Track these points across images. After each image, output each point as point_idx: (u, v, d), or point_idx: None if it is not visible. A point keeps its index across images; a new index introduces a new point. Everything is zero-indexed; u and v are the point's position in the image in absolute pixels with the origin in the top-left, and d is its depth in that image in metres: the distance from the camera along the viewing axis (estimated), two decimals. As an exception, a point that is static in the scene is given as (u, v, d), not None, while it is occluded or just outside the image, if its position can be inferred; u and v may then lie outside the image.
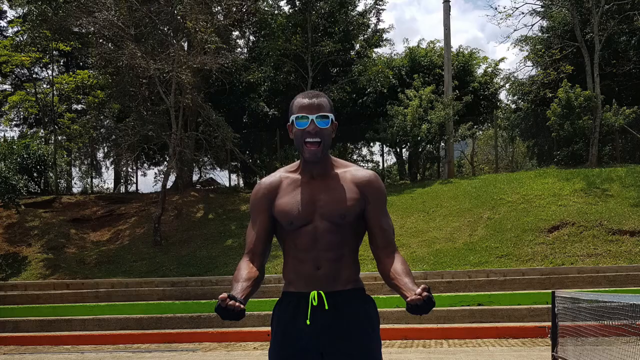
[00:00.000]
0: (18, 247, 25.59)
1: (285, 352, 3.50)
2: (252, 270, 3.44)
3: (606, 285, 17.66)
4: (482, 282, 18.91)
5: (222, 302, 3.05)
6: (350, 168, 3.65)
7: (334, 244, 3.47)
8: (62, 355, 15.35)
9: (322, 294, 3.46)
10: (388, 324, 16.54)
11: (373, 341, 3.53)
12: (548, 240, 21.21)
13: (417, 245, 22.22)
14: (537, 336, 15.16)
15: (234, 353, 14.63)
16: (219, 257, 23.33)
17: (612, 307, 8.73)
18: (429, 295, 3.09)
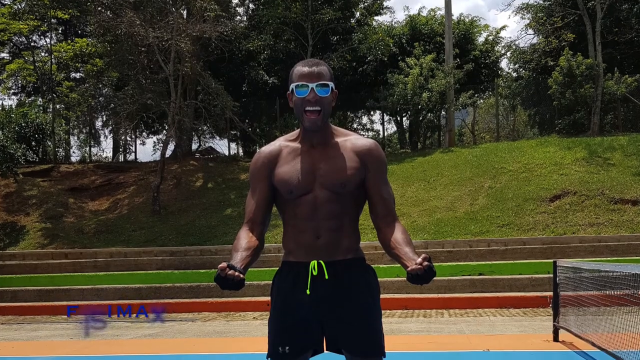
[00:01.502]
0: (16, 217, 25.50)
1: (285, 322, 3.45)
2: (251, 239, 3.38)
3: (608, 255, 17.58)
4: (483, 251, 18.83)
5: (221, 272, 2.99)
6: (351, 137, 3.59)
7: (334, 213, 3.41)
8: (61, 324, 15.27)
9: (322, 263, 3.39)
10: (388, 293, 16.49)
11: (373, 311, 3.47)
12: (549, 210, 21.10)
13: (418, 214, 22.12)
14: (538, 306, 15.09)
15: (233, 323, 14.56)
16: (218, 227, 23.24)
17: (614, 277, 8.61)
18: (429, 265, 3.01)
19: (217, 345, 11.22)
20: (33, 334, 13.56)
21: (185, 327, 14.11)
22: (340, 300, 3.39)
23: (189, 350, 10.57)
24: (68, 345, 11.63)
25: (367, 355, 3.42)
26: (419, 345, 10.32)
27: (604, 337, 8.19)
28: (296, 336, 3.42)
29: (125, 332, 13.35)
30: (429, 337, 11.31)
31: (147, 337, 12.67)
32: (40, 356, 10.33)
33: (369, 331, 3.42)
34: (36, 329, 14.44)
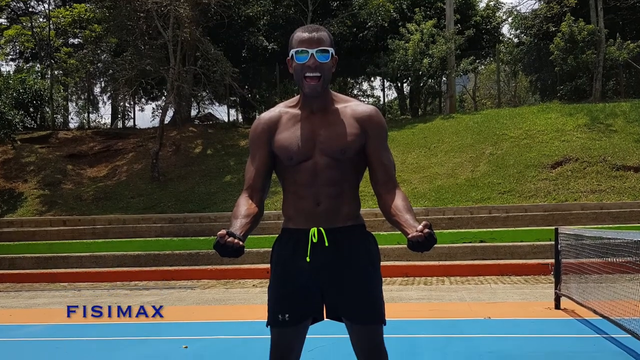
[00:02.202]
0: (14, 183, 25.40)
1: (285, 290, 3.41)
2: (251, 206, 3.33)
3: (610, 222, 17.52)
4: (484, 218, 18.76)
5: (220, 239, 2.95)
6: (351, 103, 3.53)
7: (334, 180, 3.36)
8: (59, 292, 15.22)
9: (322, 230, 3.34)
10: (389, 261, 16.43)
11: (373, 278, 3.43)
12: (551, 176, 20.99)
13: (418, 181, 22.02)
14: (539, 273, 15.03)
15: (232, 290, 14.49)
16: (217, 193, 23.15)
17: (615, 244, 8.52)
18: (430, 232, 2.95)
19: (216, 312, 11.15)
20: (31, 302, 13.50)
21: (184, 294, 14.04)
22: (340, 267, 3.35)
23: (188, 317, 10.49)
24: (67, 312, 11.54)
25: (367, 323, 3.38)
26: (420, 312, 10.26)
27: (606, 304, 8.12)
28: (296, 304, 3.38)
29: (124, 300, 13.27)
30: (429, 304, 11.24)
31: (146, 304, 12.58)
32: (39, 324, 10.26)
33: (369, 299, 3.38)
34: (34, 297, 14.39)
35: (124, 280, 17.11)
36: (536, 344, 7.59)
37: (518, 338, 7.94)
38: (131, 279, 17.10)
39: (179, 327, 9.55)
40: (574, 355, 6.90)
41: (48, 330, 9.69)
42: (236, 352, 7.55)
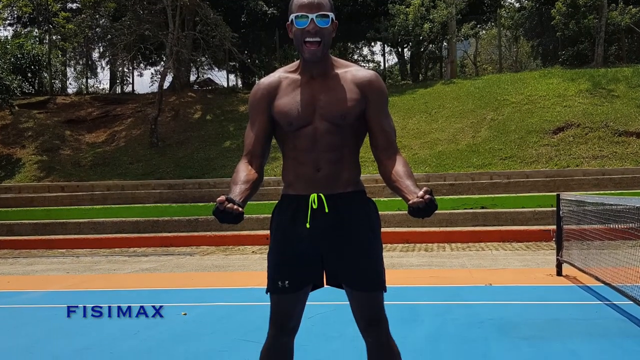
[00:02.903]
0: (12, 149, 25.30)
1: (285, 256, 3.37)
2: (250, 172, 3.30)
3: (612, 188, 17.46)
4: (486, 184, 18.69)
5: (220, 205, 2.91)
6: (351, 68, 3.49)
7: (334, 145, 3.33)
8: (57, 259, 15.17)
9: (322, 196, 3.31)
10: (389, 227, 16.39)
11: (374, 244, 3.39)
12: (553, 142, 20.89)
13: (419, 146, 21.92)
14: (541, 240, 14.99)
15: (231, 257, 14.44)
16: (216, 159, 23.06)
17: (618, 210, 8.45)
18: (431, 198, 2.90)
19: (215, 279, 11.11)
20: (29, 268, 13.46)
21: (183, 261, 13.99)
22: (340, 233, 3.32)
23: (187, 284, 10.44)
24: (65, 279, 11.51)
25: (368, 290, 3.34)
26: (420, 279, 10.19)
27: (608, 271, 8.09)
28: (296, 270, 3.35)
29: (122, 267, 13.23)
30: (430, 271, 11.19)
31: (145, 271, 12.56)
32: (37, 290, 10.20)
33: (369, 265, 3.35)
34: (32, 263, 14.34)
35: (123, 246, 17.08)
36: (537, 310, 7.54)
37: (519, 305, 7.89)
38: (130, 246, 17.07)
39: (177, 294, 9.50)
40: (576, 322, 6.84)
41: (46, 296, 9.63)
42: (235, 319, 7.48)
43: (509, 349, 5.82)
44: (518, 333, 6.38)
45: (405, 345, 5.30)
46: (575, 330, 6.45)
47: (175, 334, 6.81)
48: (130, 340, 6.58)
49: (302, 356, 5.00)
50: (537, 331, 6.46)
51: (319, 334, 6.52)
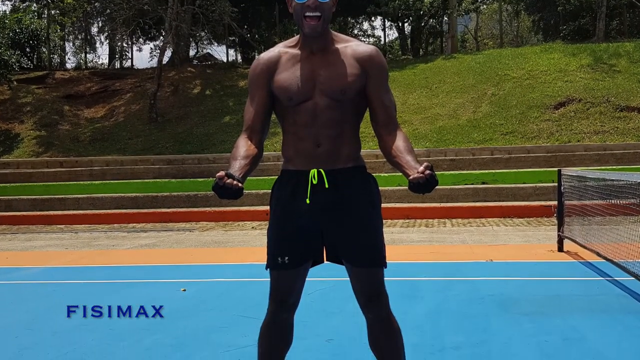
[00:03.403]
0: (10, 124, 25.21)
1: (285, 232, 3.36)
2: (250, 147, 3.29)
3: (613, 163, 17.42)
4: (487, 160, 18.63)
5: (219, 181, 2.90)
6: (351, 43, 3.46)
7: (334, 121, 3.31)
8: (56, 234, 15.15)
9: (322, 171, 3.30)
10: (390, 203, 16.35)
11: (374, 220, 3.38)
12: (554, 117, 20.81)
13: (420, 122, 21.84)
14: (542, 215, 14.95)
15: (231, 233, 14.42)
16: (216, 134, 22.99)
17: (619, 186, 8.42)
18: (431, 174, 2.88)
19: (215, 255, 11.09)
20: (28, 244, 13.44)
21: (182, 237, 13.97)
22: (340, 209, 3.30)
23: (187, 260, 10.42)
24: (63, 255, 11.48)
25: (368, 266, 3.33)
26: (421, 255, 10.17)
27: (610, 247, 8.06)
28: (296, 246, 3.34)
29: (121, 243, 13.21)
30: (431, 247, 11.16)
31: (144, 247, 12.54)
32: (36, 266, 10.17)
33: (369, 241, 3.33)
34: (31, 239, 14.32)
35: (122, 222, 17.05)
36: (538, 286, 7.51)
37: (520, 281, 7.86)
38: (129, 221, 17.04)
39: (177, 270, 9.48)
40: (577, 298, 6.81)
41: (45, 272, 9.60)
42: (235, 295, 7.46)
43: (510, 324, 5.79)
44: (519, 309, 6.35)
45: (405, 321, 5.26)
46: (576, 306, 6.42)
47: (174, 310, 6.77)
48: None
49: (302, 332, 4.97)
50: (538, 307, 6.43)
51: (319, 310, 6.49)
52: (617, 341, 5.23)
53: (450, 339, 5.38)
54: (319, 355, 5.03)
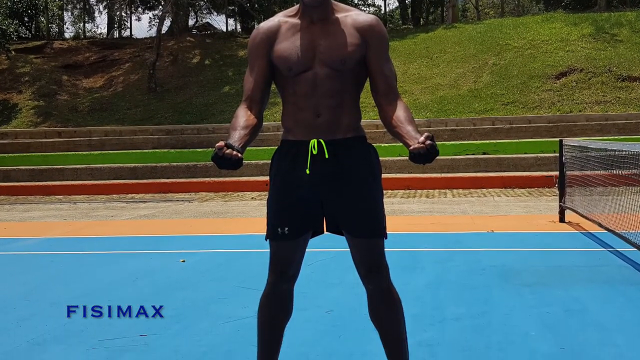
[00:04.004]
0: (8, 94, 25.10)
1: (285, 202, 3.32)
2: (250, 117, 3.24)
3: (615, 134, 17.37)
4: (487, 130, 18.56)
5: (219, 151, 2.86)
6: (351, 12, 3.41)
7: (334, 91, 3.26)
8: (54, 205, 15.11)
9: (322, 142, 3.25)
10: (390, 173, 16.32)
11: (374, 190, 3.34)
12: (555, 87, 20.71)
13: (420, 92, 21.74)
14: (544, 186, 14.91)
15: (230, 203, 14.38)
16: (215, 105, 22.89)
17: (621, 156, 8.37)
18: (432, 144, 2.84)
19: (214, 226, 11.05)
20: (26, 215, 13.41)
21: (181, 207, 13.93)
22: (340, 179, 3.28)
23: (186, 231, 10.39)
24: (62, 226, 11.46)
25: (368, 236, 3.28)
26: (422, 226, 10.13)
27: (612, 217, 8.04)
28: (295, 217, 3.31)
29: (120, 213, 13.17)
30: (431, 217, 11.14)
31: (143, 217, 12.50)
32: (34, 237, 10.13)
33: (369, 211, 3.30)
34: (29, 210, 14.28)
35: (120, 192, 17.01)
36: (540, 257, 7.48)
37: (521, 252, 7.83)
38: (128, 192, 16.99)
39: (176, 241, 9.44)
40: (579, 269, 6.77)
41: (43, 243, 9.57)
42: (235, 266, 7.42)
43: (511, 295, 5.75)
44: (520, 280, 6.32)
45: (406, 292, 5.19)
46: (577, 277, 6.39)
47: (173, 281, 6.75)
48: (128, 287, 6.52)
49: (302, 303, 4.93)
50: (539, 278, 6.40)
51: (319, 281, 6.46)
52: (618, 312, 5.19)
53: (450, 310, 5.35)
54: (319, 327, 4.99)
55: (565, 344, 4.43)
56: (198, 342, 4.72)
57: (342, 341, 4.64)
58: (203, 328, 5.05)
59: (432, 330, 4.84)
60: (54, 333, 5.01)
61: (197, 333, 4.93)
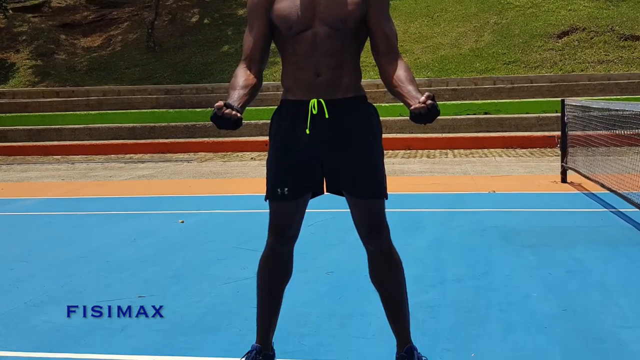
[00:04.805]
0: (5, 54, 24.94)
1: (284, 162, 3.30)
2: (249, 77, 3.22)
3: (618, 93, 17.27)
4: (489, 89, 18.45)
5: (218, 111, 2.84)
6: None
7: (334, 50, 3.22)
8: (52, 165, 15.07)
9: (322, 101, 3.22)
10: (391, 133, 16.26)
11: (375, 150, 3.31)
12: (557, 47, 20.54)
13: (421, 51, 21.58)
14: (545, 146, 14.85)
15: (230, 164, 14.33)
16: (214, 64, 22.74)
17: (624, 116, 8.33)
18: (433, 104, 2.81)
19: (213, 186, 11.02)
20: (23, 175, 13.37)
21: (180, 167, 13.88)
22: (340, 139, 3.24)
23: (185, 191, 10.36)
24: (60, 186, 11.42)
25: (368, 197, 3.27)
26: (422, 186, 10.09)
27: (614, 178, 8.03)
28: (295, 177, 3.29)
29: (119, 174, 13.13)
30: (432, 178, 11.09)
31: (142, 178, 12.45)
32: (32, 197, 10.10)
33: (370, 172, 3.28)
34: (26, 170, 14.25)
35: (119, 153, 16.96)
36: (542, 218, 7.46)
37: (523, 212, 7.81)
38: (126, 152, 16.94)
39: (175, 201, 9.42)
40: (581, 229, 6.75)
41: (42, 204, 9.54)
42: (234, 227, 7.39)
43: (512, 256, 5.73)
44: (522, 241, 6.30)
45: (406, 253, 5.19)
46: (580, 238, 6.37)
47: (172, 242, 6.72)
48: (127, 248, 6.49)
49: (302, 264, 4.91)
50: (541, 239, 6.38)
51: (319, 241, 6.43)
52: (621, 273, 5.17)
53: (451, 271, 5.33)
54: (319, 288, 4.97)
55: (567, 305, 4.41)
56: (197, 303, 4.70)
57: (342, 302, 4.62)
58: (202, 289, 5.03)
59: (433, 291, 4.82)
60: (52, 294, 4.99)
61: (196, 294, 4.91)
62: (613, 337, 3.83)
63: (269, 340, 3.45)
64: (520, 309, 4.36)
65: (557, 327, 4.02)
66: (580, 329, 3.96)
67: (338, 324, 4.18)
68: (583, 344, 3.74)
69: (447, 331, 4.00)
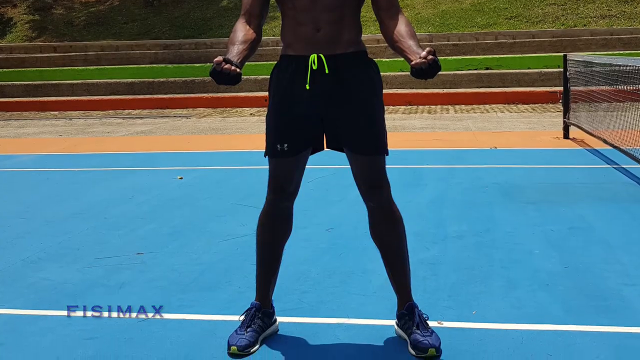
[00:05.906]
0: (2, 8, 24.71)
1: (284, 118, 3.26)
2: (248, 32, 3.16)
3: (620, 48, 17.13)
4: (490, 44, 18.32)
5: (217, 66, 2.79)
6: None
7: (334, 5, 3.16)
8: (49, 121, 15.00)
9: (322, 57, 3.16)
10: (392, 88, 16.17)
11: (375, 106, 3.27)
12: (559, 1, 20.38)
13: (422, 5, 21.38)
14: (547, 102, 14.77)
15: (229, 119, 14.26)
16: (213, 19, 22.54)
17: (626, 72, 8.24)
18: (434, 59, 2.76)
19: (212, 142, 10.96)
20: (21, 131, 13.32)
21: (179, 123, 13.81)
22: (340, 95, 3.20)
23: (184, 147, 10.30)
24: (58, 142, 11.36)
25: (369, 153, 3.23)
26: (423, 142, 10.03)
27: (616, 134, 7.97)
28: (295, 133, 3.25)
29: (117, 129, 13.06)
30: (433, 134, 11.04)
31: (140, 134, 12.40)
32: (29, 153, 10.05)
33: (370, 127, 3.23)
34: (24, 126, 14.18)
35: (117, 108, 16.88)
36: (544, 174, 7.41)
37: (525, 168, 7.75)
38: (124, 108, 16.87)
39: (173, 157, 9.38)
40: (583, 186, 6.70)
41: (39, 160, 9.48)
42: (233, 183, 7.34)
43: (514, 213, 5.69)
44: (524, 197, 6.25)
45: (408, 209, 5.17)
46: (582, 195, 6.32)
47: (170, 198, 6.68)
48: (124, 204, 6.44)
49: (302, 221, 4.86)
50: (543, 195, 6.33)
51: (319, 198, 6.39)
52: (624, 230, 5.13)
53: (453, 228, 5.29)
54: (319, 244, 4.94)
55: (569, 262, 4.38)
56: (196, 260, 4.67)
57: (343, 259, 4.59)
58: (201, 246, 4.99)
59: (434, 248, 4.78)
60: (49, 251, 4.96)
61: (194, 251, 4.88)
62: (616, 294, 3.80)
63: (269, 297, 3.43)
64: (522, 266, 4.33)
65: (559, 284, 3.98)
66: (583, 286, 3.93)
67: (338, 281, 4.15)
68: (585, 301, 3.70)
69: (449, 288, 3.97)
